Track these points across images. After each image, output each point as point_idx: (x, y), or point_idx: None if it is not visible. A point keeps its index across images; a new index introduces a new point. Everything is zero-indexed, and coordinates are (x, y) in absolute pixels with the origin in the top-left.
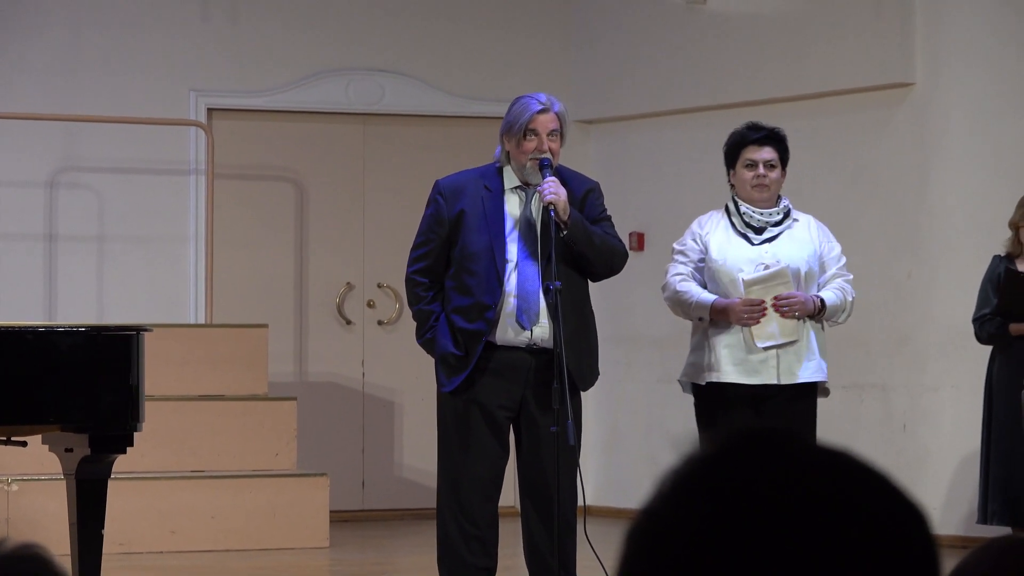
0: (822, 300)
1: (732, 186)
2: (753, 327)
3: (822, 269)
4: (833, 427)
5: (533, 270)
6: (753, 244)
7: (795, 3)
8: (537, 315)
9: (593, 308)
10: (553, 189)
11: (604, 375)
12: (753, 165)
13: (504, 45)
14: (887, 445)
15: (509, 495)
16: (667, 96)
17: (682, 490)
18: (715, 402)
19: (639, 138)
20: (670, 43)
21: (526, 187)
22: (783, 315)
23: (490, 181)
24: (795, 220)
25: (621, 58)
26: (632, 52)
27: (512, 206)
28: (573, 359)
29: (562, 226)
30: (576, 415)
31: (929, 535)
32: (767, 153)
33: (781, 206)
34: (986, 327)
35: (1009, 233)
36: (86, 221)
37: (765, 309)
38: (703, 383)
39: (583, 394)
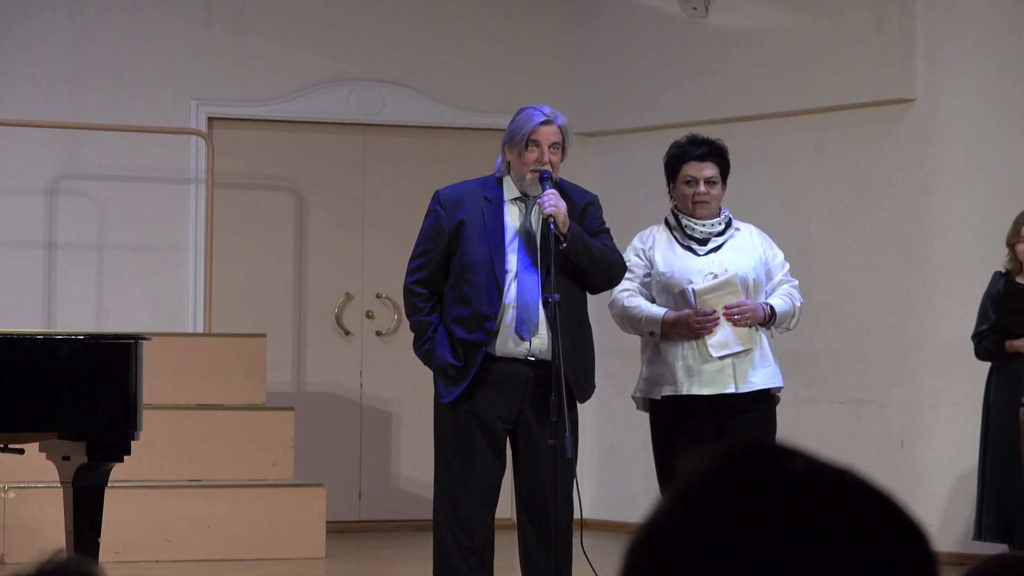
0: (772, 307)
1: (672, 199)
2: (707, 337)
3: (768, 277)
4: (830, 443)
5: (533, 281)
6: (699, 255)
7: (796, 18)
8: (536, 326)
9: (593, 321)
10: (553, 202)
11: (602, 389)
12: (694, 182)
13: (505, 57)
14: (884, 461)
15: (506, 507)
16: (667, 109)
17: (683, 505)
18: (673, 416)
19: (639, 151)
20: (671, 56)
21: (526, 198)
22: (735, 323)
23: (490, 192)
24: (737, 230)
25: (622, 71)
26: (633, 65)
27: (512, 217)
28: (571, 371)
29: (561, 239)
30: (573, 428)
31: (930, 553)
32: (709, 170)
33: (722, 216)
34: (984, 343)
35: (1007, 251)
36: (86, 229)
37: (718, 318)
38: (659, 398)
39: (580, 407)
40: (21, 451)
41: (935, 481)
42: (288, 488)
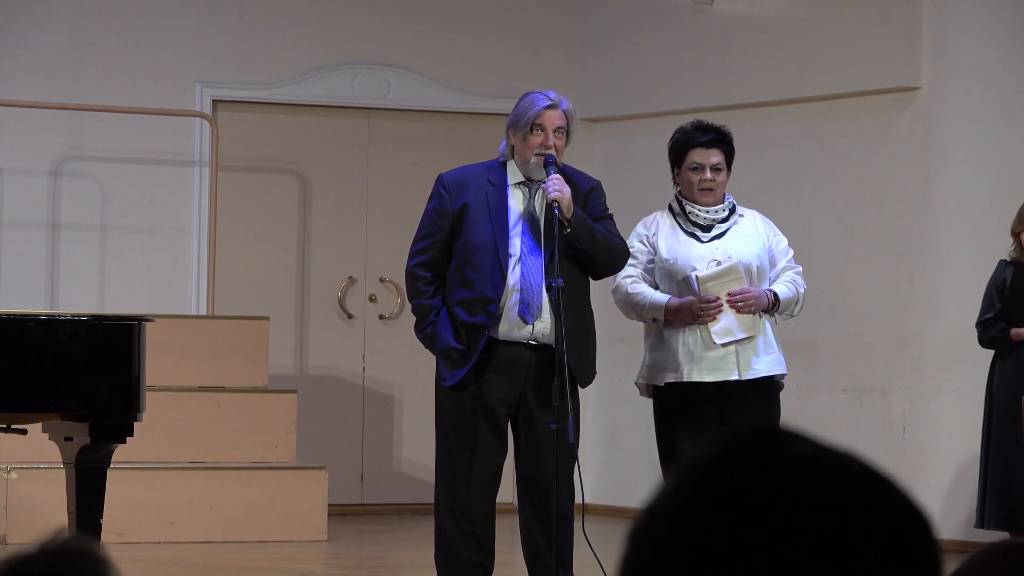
0: (775, 294)
1: (676, 185)
2: (710, 324)
3: (771, 263)
4: (833, 431)
5: (536, 264)
6: (702, 242)
7: (801, 6)
8: (540, 309)
9: (594, 306)
10: (557, 186)
11: (604, 374)
12: (700, 169)
13: (510, 42)
14: (886, 449)
15: (508, 492)
16: (672, 96)
17: (686, 490)
18: (676, 403)
19: (643, 137)
20: (676, 43)
21: (530, 183)
22: (739, 310)
23: (494, 176)
24: (741, 216)
25: (626, 57)
26: (637, 51)
27: (516, 201)
28: (573, 356)
29: (565, 223)
30: (575, 413)
31: (932, 538)
32: (715, 156)
33: (726, 203)
34: (989, 331)
35: (1012, 241)
36: (90, 210)
37: (721, 305)
38: (662, 384)
39: (582, 392)
40: (24, 431)
41: (936, 469)
42: (290, 471)
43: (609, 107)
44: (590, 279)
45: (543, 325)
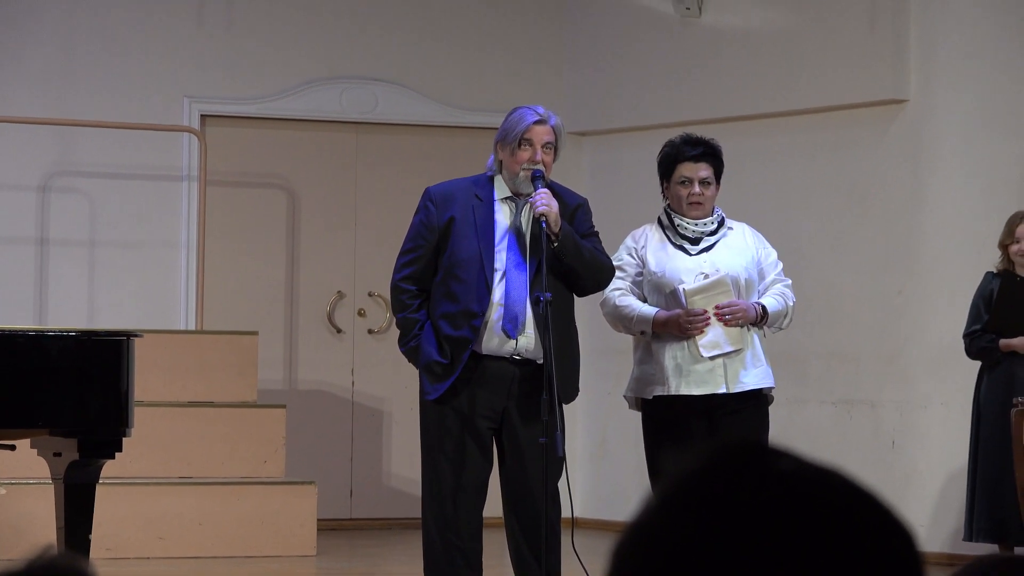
0: (764, 307)
1: (665, 199)
2: (698, 337)
3: (760, 276)
4: (822, 443)
5: (521, 279)
6: (691, 255)
7: (789, 18)
8: (523, 324)
9: (585, 319)
10: (545, 200)
11: (593, 387)
12: (689, 182)
13: (498, 56)
14: (875, 461)
15: (499, 506)
16: (660, 109)
17: (669, 505)
18: (664, 416)
19: (632, 150)
20: (664, 56)
21: (517, 197)
22: (726, 323)
23: (481, 190)
24: (729, 228)
25: (615, 70)
26: (626, 64)
27: (503, 215)
28: (558, 372)
29: (553, 238)
30: (561, 427)
31: (916, 554)
32: (703, 171)
33: (715, 215)
34: (976, 342)
35: (1000, 253)
36: (78, 226)
37: (708, 318)
38: (650, 397)
39: (570, 405)
40: (12, 447)
41: (926, 481)
42: (279, 486)
43: (597, 120)
44: (574, 296)
45: (527, 340)
